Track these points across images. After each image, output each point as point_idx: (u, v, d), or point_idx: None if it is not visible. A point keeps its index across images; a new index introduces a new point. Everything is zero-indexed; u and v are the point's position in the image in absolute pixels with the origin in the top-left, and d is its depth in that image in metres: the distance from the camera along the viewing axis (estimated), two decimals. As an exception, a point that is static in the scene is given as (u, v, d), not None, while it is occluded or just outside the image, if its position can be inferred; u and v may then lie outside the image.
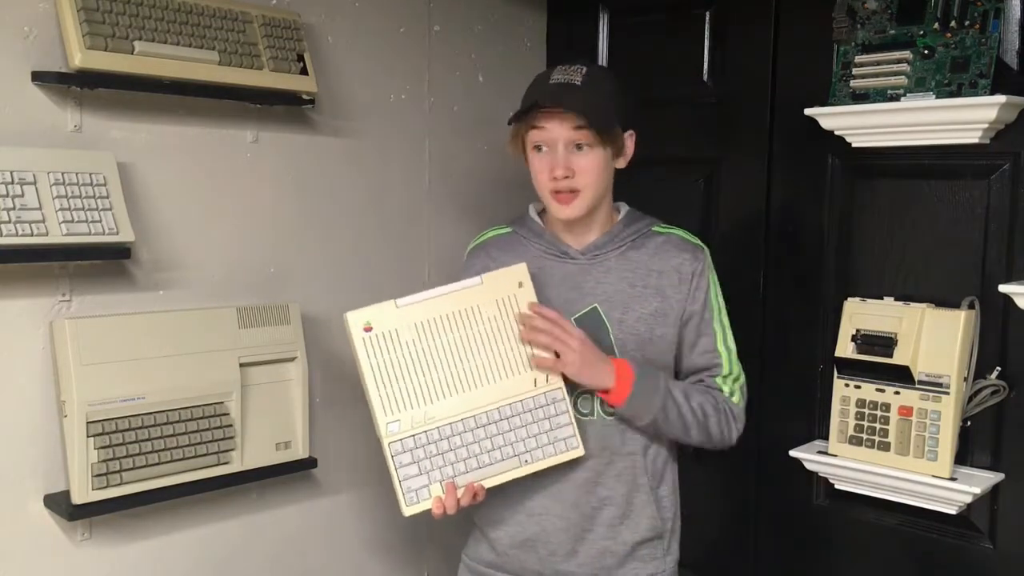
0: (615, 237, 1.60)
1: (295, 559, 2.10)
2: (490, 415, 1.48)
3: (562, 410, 1.50)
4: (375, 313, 1.47)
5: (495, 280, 1.50)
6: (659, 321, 1.58)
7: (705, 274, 1.60)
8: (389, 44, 2.19)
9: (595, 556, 1.59)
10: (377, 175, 2.19)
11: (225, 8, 1.81)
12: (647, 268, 1.59)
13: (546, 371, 1.50)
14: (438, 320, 1.48)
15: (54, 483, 1.71)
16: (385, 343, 1.46)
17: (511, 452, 1.49)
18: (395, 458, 1.46)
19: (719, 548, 2.26)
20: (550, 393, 1.50)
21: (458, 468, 1.47)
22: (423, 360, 1.47)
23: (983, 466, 1.85)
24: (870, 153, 1.93)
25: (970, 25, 1.76)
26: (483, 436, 1.48)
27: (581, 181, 1.52)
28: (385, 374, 1.46)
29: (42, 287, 1.68)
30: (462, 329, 1.49)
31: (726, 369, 1.61)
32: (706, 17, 2.24)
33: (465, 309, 1.49)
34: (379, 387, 1.46)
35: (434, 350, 1.48)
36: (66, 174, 1.62)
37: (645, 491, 1.59)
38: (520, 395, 1.49)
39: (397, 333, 1.47)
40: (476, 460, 1.47)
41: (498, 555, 1.63)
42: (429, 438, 1.47)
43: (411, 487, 1.46)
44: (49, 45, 1.66)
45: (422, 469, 1.46)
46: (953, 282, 1.87)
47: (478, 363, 1.49)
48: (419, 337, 1.47)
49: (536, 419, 1.49)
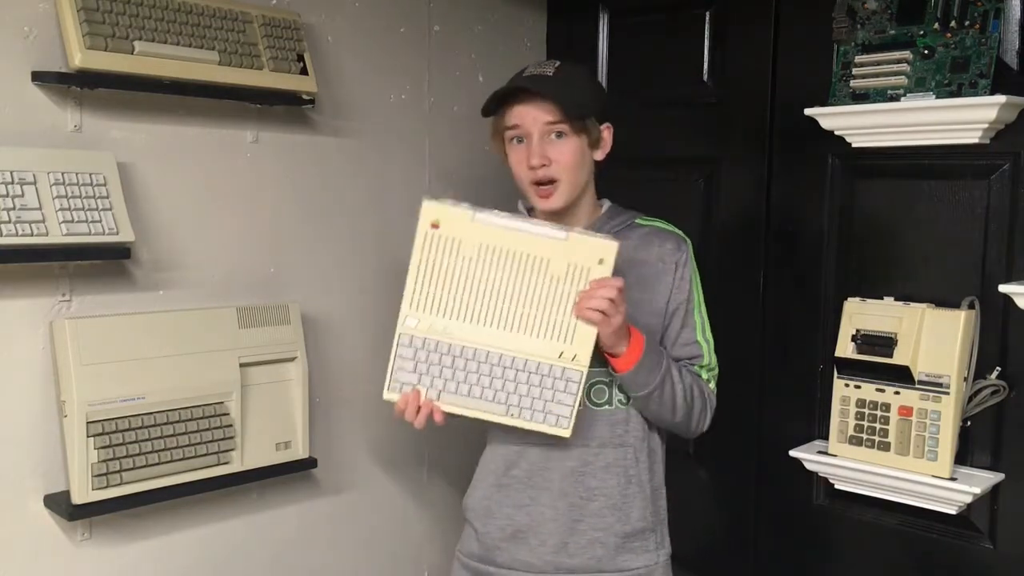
0: (599, 229, 1.59)
1: (295, 559, 2.10)
2: (503, 360, 1.46)
3: (572, 391, 1.46)
4: (449, 214, 1.45)
5: (580, 243, 1.44)
6: (642, 311, 1.58)
7: (688, 265, 1.61)
8: (389, 44, 2.19)
9: (585, 547, 1.59)
10: (377, 175, 2.19)
11: (225, 8, 1.81)
12: (630, 259, 1.59)
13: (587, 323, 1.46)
14: (504, 252, 1.44)
15: (54, 483, 1.71)
16: (444, 246, 1.45)
17: (503, 399, 1.47)
18: (399, 349, 1.46)
19: (719, 547, 2.26)
20: (569, 370, 1.46)
21: (448, 387, 1.46)
22: (470, 280, 1.45)
23: (983, 466, 1.85)
24: (870, 153, 1.93)
25: (970, 25, 1.76)
26: (486, 373, 1.46)
27: (557, 169, 1.53)
28: (429, 273, 1.45)
29: (42, 287, 1.68)
30: (521, 272, 1.45)
31: (705, 359, 1.62)
32: (706, 17, 2.24)
33: (535, 256, 1.44)
34: (417, 281, 1.45)
35: (485, 277, 1.45)
36: (66, 174, 1.62)
37: (637, 483, 1.60)
38: (541, 358, 1.46)
39: (460, 243, 1.45)
40: (468, 388, 1.46)
41: (488, 549, 1.63)
42: (437, 348, 1.46)
43: (399, 379, 1.47)
44: (49, 45, 1.66)
45: (417, 370, 1.46)
46: (953, 282, 1.87)
47: (518, 310, 1.45)
48: (477, 257, 1.45)
49: (543, 386, 1.46)
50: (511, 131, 1.56)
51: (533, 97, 1.52)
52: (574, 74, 1.56)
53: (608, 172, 1.65)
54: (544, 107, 1.51)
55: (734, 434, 2.16)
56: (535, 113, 1.52)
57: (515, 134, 1.55)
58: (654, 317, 1.60)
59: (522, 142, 1.55)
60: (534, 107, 1.52)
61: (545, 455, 1.58)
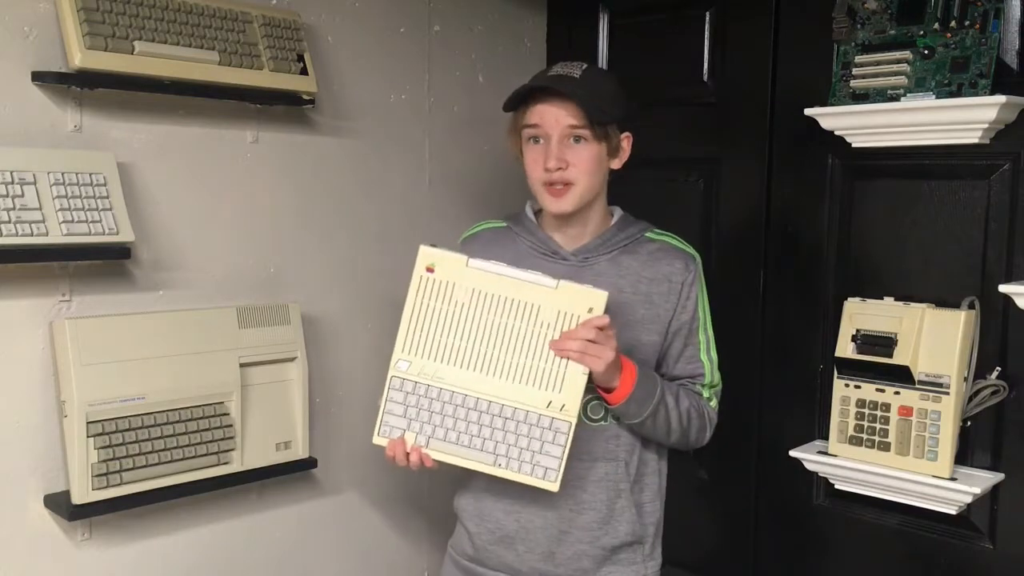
0: (607, 241, 1.59)
1: (295, 559, 2.10)
2: (492, 407, 1.46)
3: (560, 442, 1.45)
4: (444, 260, 1.46)
5: (569, 292, 1.45)
6: (645, 328, 1.57)
7: (695, 284, 1.60)
8: (389, 44, 2.19)
9: (571, 558, 1.58)
10: (377, 175, 2.19)
11: (225, 8, 1.81)
12: (638, 275, 1.58)
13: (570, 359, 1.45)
14: (496, 298, 1.46)
15: (54, 483, 1.71)
16: (438, 290, 1.46)
17: (490, 448, 1.46)
18: (390, 391, 1.47)
19: (719, 548, 2.26)
20: (558, 421, 1.45)
21: (437, 432, 1.46)
22: (462, 325, 1.46)
23: (983, 466, 1.85)
24: (870, 153, 1.93)
25: (970, 25, 1.76)
26: (474, 420, 1.46)
27: (574, 174, 1.51)
28: (422, 316, 1.46)
29: (42, 287, 1.68)
30: (513, 318, 1.46)
31: (708, 378, 1.61)
32: (706, 17, 2.24)
33: (526, 302, 1.45)
34: (410, 324, 1.46)
35: (477, 322, 1.46)
36: (66, 174, 1.62)
37: (626, 497, 1.58)
38: (530, 407, 1.46)
39: (453, 288, 1.46)
40: (456, 435, 1.46)
41: (477, 550, 1.63)
42: (428, 393, 1.46)
43: (389, 422, 1.47)
44: (49, 45, 1.66)
45: (407, 414, 1.47)
46: (953, 282, 1.87)
47: (509, 357, 1.46)
48: (470, 303, 1.46)
49: (531, 436, 1.45)
50: (530, 129, 1.53)
51: (557, 97, 1.50)
52: (601, 78, 1.54)
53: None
54: (568, 109, 1.49)
55: (734, 434, 2.16)
56: (557, 114, 1.50)
57: (534, 133, 1.53)
58: (657, 335, 1.58)
59: (539, 142, 1.53)
60: (557, 107, 1.50)
61: None
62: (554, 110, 1.50)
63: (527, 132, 1.54)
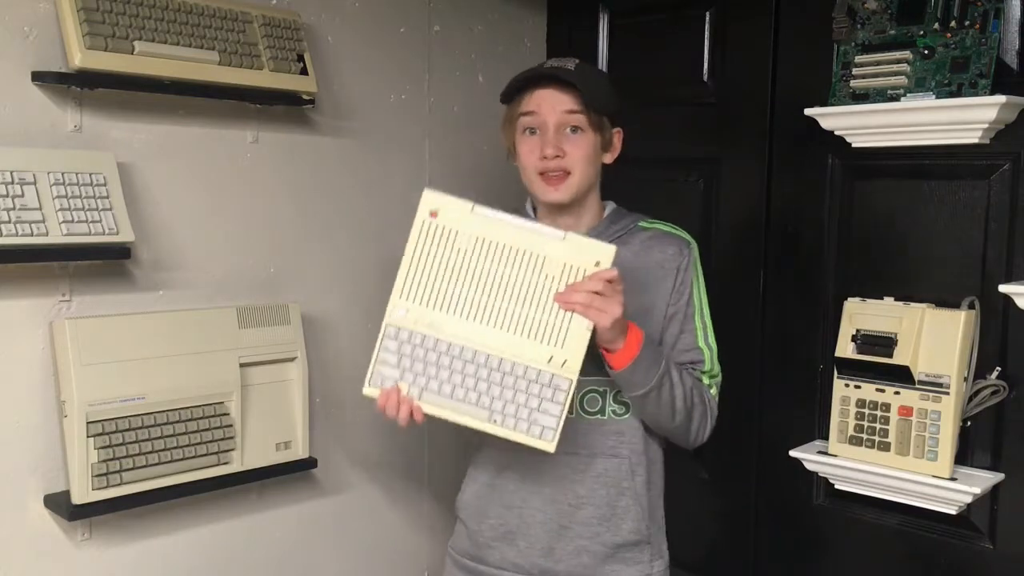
0: (601, 233, 1.58)
1: (295, 559, 2.10)
2: (490, 360, 1.40)
3: (560, 400, 1.39)
4: (448, 205, 1.42)
5: (577, 244, 1.40)
6: (643, 317, 1.55)
7: (690, 270, 1.59)
8: (389, 44, 2.19)
9: (572, 554, 1.58)
10: (377, 175, 2.19)
11: (225, 8, 1.81)
12: (633, 264, 1.57)
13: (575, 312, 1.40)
14: (500, 247, 1.40)
15: (54, 483, 1.71)
16: (440, 236, 1.41)
17: (486, 403, 1.39)
18: (383, 340, 1.42)
19: (719, 549, 2.26)
20: (558, 378, 1.39)
21: (430, 385, 1.40)
22: (463, 273, 1.40)
23: (983, 466, 1.85)
24: (870, 153, 1.93)
25: (970, 25, 1.76)
26: (471, 373, 1.40)
27: (571, 162, 1.51)
28: (422, 263, 1.41)
29: (42, 287, 1.68)
30: (517, 268, 1.40)
31: (707, 365, 1.59)
32: (706, 17, 2.24)
33: (532, 252, 1.40)
34: (409, 270, 1.41)
35: (479, 270, 1.40)
36: (66, 174, 1.62)
37: (632, 495, 1.57)
38: (529, 361, 1.39)
39: (456, 234, 1.41)
40: (451, 389, 1.40)
41: (480, 547, 1.63)
42: (423, 343, 1.41)
43: (381, 372, 1.42)
44: (49, 45, 1.66)
45: (400, 364, 1.41)
46: (953, 282, 1.87)
47: (511, 309, 1.40)
48: (473, 250, 1.41)
49: (529, 392, 1.39)
50: (527, 118, 1.53)
51: (556, 84, 1.50)
52: (593, 73, 1.58)
53: (608, 172, 1.65)
54: (566, 95, 1.50)
55: (734, 434, 2.16)
56: (555, 101, 1.50)
57: (530, 123, 1.53)
58: (655, 323, 1.57)
59: (535, 133, 1.53)
60: (555, 95, 1.50)
61: (538, 458, 1.56)
62: (552, 97, 1.51)
63: (524, 121, 1.54)
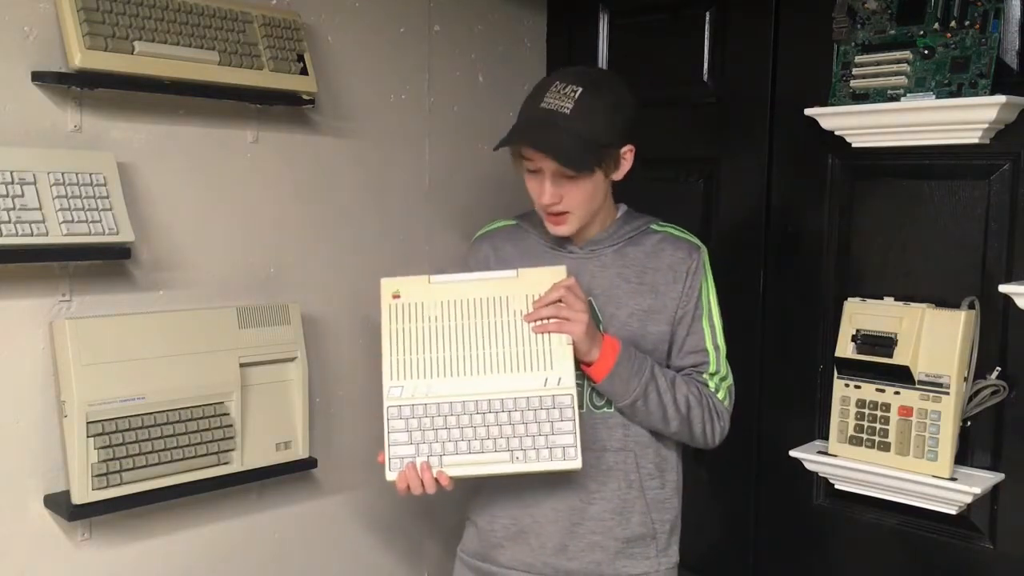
0: (613, 234, 1.61)
1: (295, 559, 2.10)
2: (492, 404, 1.47)
3: (568, 416, 1.45)
4: (407, 284, 1.51)
5: (530, 276, 1.51)
6: (652, 318, 1.58)
7: (699, 272, 1.60)
8: (389, 44, 2.19)
9: (584, 551, 1.59)
10: (377, 175, 2.19)
11: (225, 8, 1.81)
12: (643, 265, 1.60)
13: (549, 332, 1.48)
14: (465, 303, 1.50)
15: (54, 483, 1.71)
16: (409, 313, 1.50)
17: (504, 446, 1.46)
18: (390, 422, 1.47)
19: (719, 548, 2.26)
20: (559, 397, 1.46)
21: (447, 448, 1.46)
22: (441, 336, 1.49)
23: (983, 466, 1.85)
24: (870, 153, 1.93)
25: (970, 25, 1.76)
26: (480, 423, 1.46)
27: (569, 205, 1.53)
28: (401, 341, 1.49)
29: (42, 287, 1.68)
30: (486, 316, 1.49)
31: (713, 367, 1.60)
32: (706, 17, 2.24)
33: (494, 297, 1.50)
34: (392, 352, 1.49)
35: (454, 330, 1.49)
36: (66, 174, 1.62)
37: (637, 489, 1.59)
38: (528, 392, 1.47)
39: (423, 306, 1.50)
40: (467, 444, 1.46)
41: (491, 547, 1.64)
42: (427, 411, 1.47)
43: (397, 454, 1.46)
44: (49, 45, 1.66)
45: (412, 440, 1.46)
46: (953, 282, 1.87)
47: (494, 351, 1.48)
48: (443, 314, 1.49)
49: (538, 419, 1.45)
50: (526, 162, 1.54)
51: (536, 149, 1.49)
52: (595, 107, 1.48)
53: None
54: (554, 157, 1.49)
55: (734, 434, 2.13)
56: (545, 157, 1.49)
57: (529, 166, 1.54)
58: (664, 325, 1.59)
59: (535, 172, 1.54)
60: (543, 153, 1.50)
61: None
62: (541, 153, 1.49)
63: (524, 163, 1.55)
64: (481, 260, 1.69)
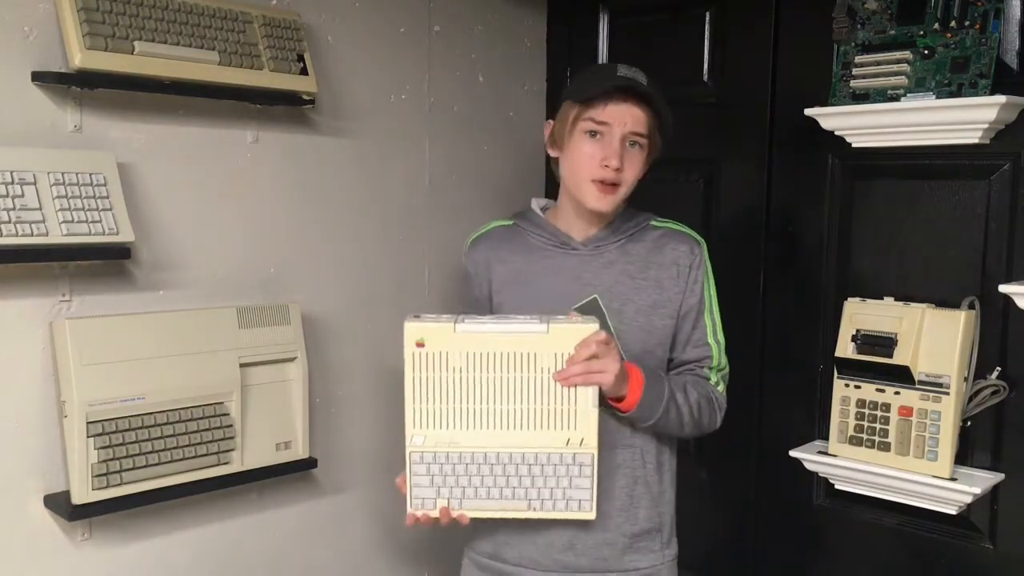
0: (616, 230, 1.62)
1: (295, 559, 2.10)
2: (513, 457, 1.49)
3: (587, 474, 1.48)
4: (432, 331, 1.47)
5: (561, 333, 1.46)
6: (657, 313, 1.60)
7: (701, 267, 1.63)
8: (389, 44, 2.19)
9: (593, 547, 1.59)
10: (377, 175, 2.19)
11: (225, 8, 1.81)
12: (646, 261, 1.61)
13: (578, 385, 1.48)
14: (491, 356, 1.47)
15: (54, 483, 1.71)
16: (433, 362, 1.48)
17: (522, 495, 1.49)
18: (412, 467, 1.50)
19: (719, 548, 2.26)
20: (580, 455, 1.48)
21: (467, 493, 1.49)
22: (464, 388, 1.48)
23: (983, 466, 1.85)
24: (870, 153, 1.93)
25: (970, 25, 1.76)
26: (500, 474, 1.49)
27: (624, 178, 1.54)
28: (424, 390, 1.48)
29: (42, 287, 1.68)
30: (512, 371, 1.47)
31: (715, 361, 1.64)
32: (706, 17, 2.24)
33: (522, 352, 1.47)
34: (415, 400, 1.48)
35: (478, 382, 1.48)
36: (66, 174, 1.62)
37: (643, 484, 1.61)
38: (550, 449, 1.48)
39: (447, 356, 1.47)
40: (487, 491, 1.49)
41: (499, 545, 1.64)
42: (448, 459, 1.49)
43: (419, 495, 1.50)
44: (49, 45, 1.65)
45: (434, 483, 1.49)
46: (953, 282, 1.87)
47: (517, 407, 1.48)
48: (467, 366, 1.47)
49: (557, 475, 1.48)
50: (595, 125, 1.53)
51: (634, 101, 1.51)
52: (657, 89, 1.56)
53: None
54: (642, 113, 1.52)
55: (734, 434, 2.15)
56: (628, 116, 1.51)
57: (596, 128, 1.53)
58: (668, 319, 1.61)
59: (595, 136, 1.54)
60: (631, 110, 1.51)
61: None
62: (627, 112, 1.51)
63: (587, 126, 1.54)
64: (481, 264, 1.69)
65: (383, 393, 2.18)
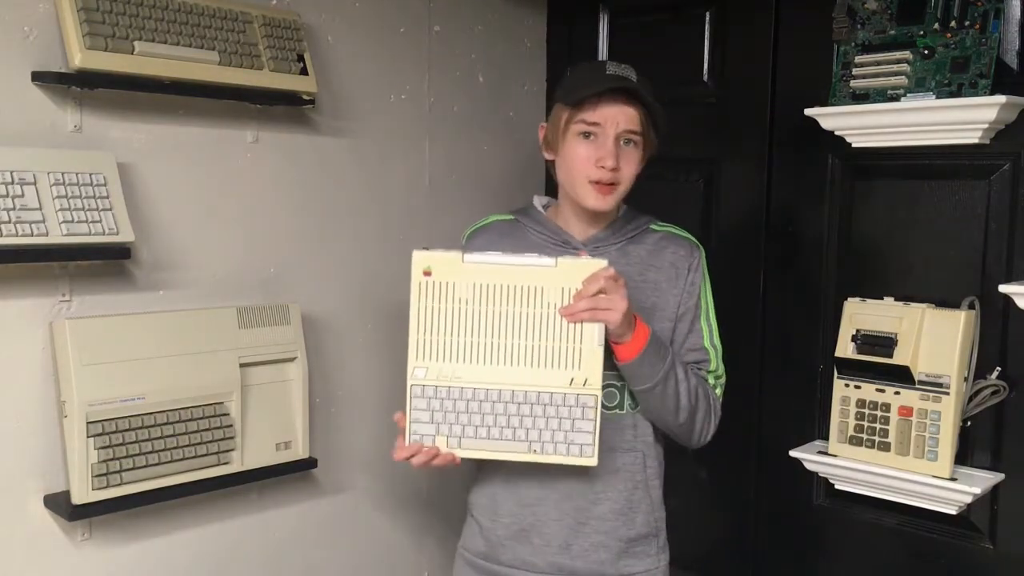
0: (616, 231, 1.62)
1: (295, 559, 2.10)
2: (515, 395, 1.47)
3: (590, 416, 1.46)
4: (439, 261, 1.46)
5: (569, 267, 1.45)
6: (655, 316, 1.59)
7: (699, 271, 1.62)
8: (389, 44, 2.19)
9: (589, 550, 1.59)
10: (377, 175, 2.19)
11: (225, 8, 1.81)
12: (645, 263, 1.61)
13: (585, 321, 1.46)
14: (498, 288, 1.46)
15: (54, 483, 1.71)
16: (439, 292, 1.46)
17: (523, 436, 1.47)
18: (412, 400, 1.47)
19: (719, 548, 2.26)
20: (583, 396, 1.46)
21: (467, 431, 1.47)
22: (469, 321, 1.46)
23: (983, 466, 1.85)
24: (870, 153, 1.93)
25: (970, 25, 1.76)
26: (501, 412, 1.47)
27: (623, 175, 1.54)
28: (429, 321, 1.46)
29: (42, 287, 1.68)
30: (518, 305, 1.46)
31: (712, 365, 1.62)
32: (706, 17, 2.24)
33: (528, 286, 1.45)
34: (419, 331, 1.46)
35: (483, 315, 1.46)
36: (66, 174, 1.62)
37: (643, 488, 1.60)
38: (553, 388, 1.46)
39: (454, 287, 1.46)
40: (487, 431, 1.47)
41: (493, 546, 1.63)
42: (449, 394, 1.47)
43: (417, 431, 1.48)
44: (49, 45, 1.66)
45: (433, 419, 1.47)
46: (953, 282, 1.87)
47: (522, 343, 1.46)
48: (473, 297, 1.46)
49: (559, 416, 1.46)
50: (589, 127, 1.53)
51: (624, 100, 1.51)
52: (649, 85, 1.55)
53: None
54: (633, 111, 1.51)
55: (734, 434, 2.15)
56: (620, 115, 1.51)
57: (589, 129, 1.53)
58: (666, 322, 1.60)
59: (588, 137, 1.54)
60: (623, 109, 1.51)
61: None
62: (619, 112, 1.51)
63: (580, 128, 1.54)
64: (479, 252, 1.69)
65: (383, 393, 2.18)
